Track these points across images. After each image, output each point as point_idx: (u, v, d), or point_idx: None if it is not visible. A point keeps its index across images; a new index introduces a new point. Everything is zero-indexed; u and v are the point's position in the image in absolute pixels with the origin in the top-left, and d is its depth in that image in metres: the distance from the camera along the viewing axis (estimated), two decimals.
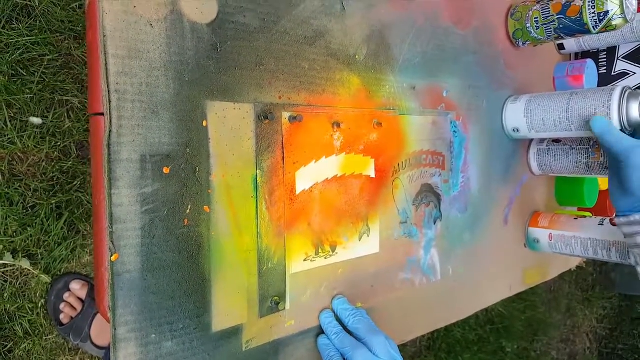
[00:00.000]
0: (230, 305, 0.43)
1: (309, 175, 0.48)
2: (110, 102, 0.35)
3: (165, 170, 0.38)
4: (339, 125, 0.50)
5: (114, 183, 0.35)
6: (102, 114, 0.35)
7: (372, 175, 0.54)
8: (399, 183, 0.57)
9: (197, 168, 0.40)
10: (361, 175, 0.53)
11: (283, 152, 0.46)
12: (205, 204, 0.41)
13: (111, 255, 0.36)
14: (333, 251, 0.51)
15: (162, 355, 0.39)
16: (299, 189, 0.48)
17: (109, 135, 0.35)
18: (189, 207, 0.40)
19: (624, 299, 2.52)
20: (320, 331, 0.50)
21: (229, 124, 0.42)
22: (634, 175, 0.53)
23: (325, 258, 0.50)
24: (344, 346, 0.47)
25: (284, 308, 0.47)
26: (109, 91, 0.35)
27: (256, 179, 0.44)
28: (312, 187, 0.49)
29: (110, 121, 0.35)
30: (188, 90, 0.39)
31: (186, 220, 0.39)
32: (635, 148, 0.53)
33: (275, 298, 0.46)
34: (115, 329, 0.36)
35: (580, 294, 2.36)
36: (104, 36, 0.35)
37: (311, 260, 0.49)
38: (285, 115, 0.46)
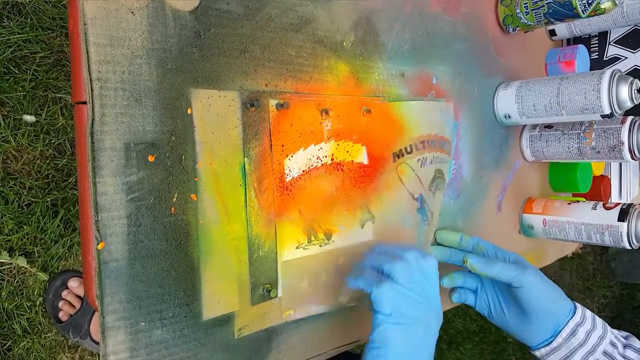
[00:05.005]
0: (220, 293, 0.43)
1: (299, 163, 0.48)
2: (92, 90, 0.35)
3: (150, 159, 0.38)
4: (327, 113, 0.50)
5: (98, 171, 0.35)
6: (85, 103, 0.35)
7: (365, 162, 0.54)
8: (406, 168, 0.56)
9: (183, 156, 0.40)
10: (352, 162, 0.53)
11: (271, 140, 0.46)
12: (192, 192, 0.40)
13: (97, 244, 0.36)
14: (328, 239, 0.51)
15: (152, 344, 0.39)
16: (288, 176, 0.47)
17: (92, 124, 0.35)
18: (176, 195, 0.39)
19: (624, 288, 2.52)
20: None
21: (214, 112, 0.42)
22: (532, 294, 0.51)
23: (320, 246, 0.50)
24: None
25: (276, 295, 0.47)
26: (90, 79, 0.35)
27: (244, 166, 0.44)
28: (301, 174, 0.48)
29: (93, 109, 0.35)
30: (171, 77, 0.39)
31: (173, 209, 0.39)
32: (525, 270, 0.51)
33: (267, 286, 0.46)
34: (104, 317, 0.36)
35: (581, 283, 2.37)
36: (85, 24, 0.35)
37: (304, 248, 0.49)
38: (272, 102, 0.46)
